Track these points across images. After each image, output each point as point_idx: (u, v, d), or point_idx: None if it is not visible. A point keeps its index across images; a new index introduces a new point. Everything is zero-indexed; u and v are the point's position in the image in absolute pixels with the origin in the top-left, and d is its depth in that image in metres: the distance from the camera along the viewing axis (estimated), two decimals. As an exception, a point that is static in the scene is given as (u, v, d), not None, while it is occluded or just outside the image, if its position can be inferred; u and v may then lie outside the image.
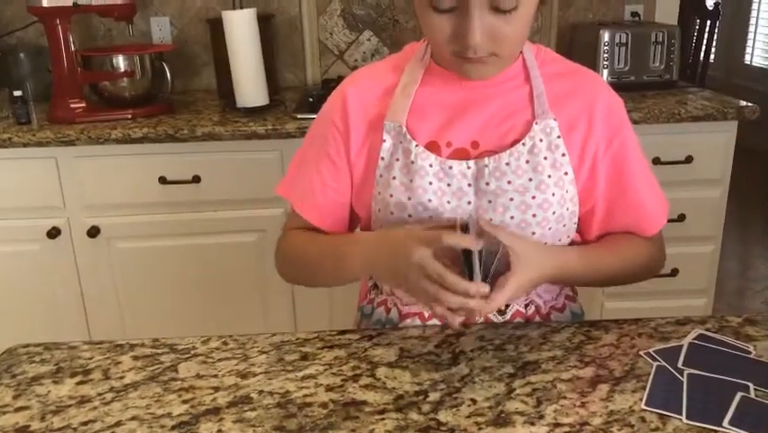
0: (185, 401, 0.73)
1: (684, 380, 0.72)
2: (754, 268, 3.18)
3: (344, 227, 0.99)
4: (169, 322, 1.96)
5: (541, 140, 0.87)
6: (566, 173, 0.88)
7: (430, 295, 0.78)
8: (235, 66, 1.91)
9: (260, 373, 0.78)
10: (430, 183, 0.87)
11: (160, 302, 1.94)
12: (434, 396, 0.72)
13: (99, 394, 0.75)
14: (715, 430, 0.65)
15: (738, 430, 0.65)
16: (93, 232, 1.86)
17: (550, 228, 0.88)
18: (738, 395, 0.69)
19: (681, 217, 1.97)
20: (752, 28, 4.65)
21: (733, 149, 1.95)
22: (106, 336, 0.86)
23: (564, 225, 0.90)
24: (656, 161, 1.93)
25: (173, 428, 0.68)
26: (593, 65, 2.18)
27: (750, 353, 0.77)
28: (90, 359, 0.82)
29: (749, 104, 1.93)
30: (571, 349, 0.80)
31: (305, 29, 2.30)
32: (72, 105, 1.90)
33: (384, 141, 0.90)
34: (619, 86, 2.16)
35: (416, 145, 0.88)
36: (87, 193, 1.84)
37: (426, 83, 0.91)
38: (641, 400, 0.70)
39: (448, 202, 0.88)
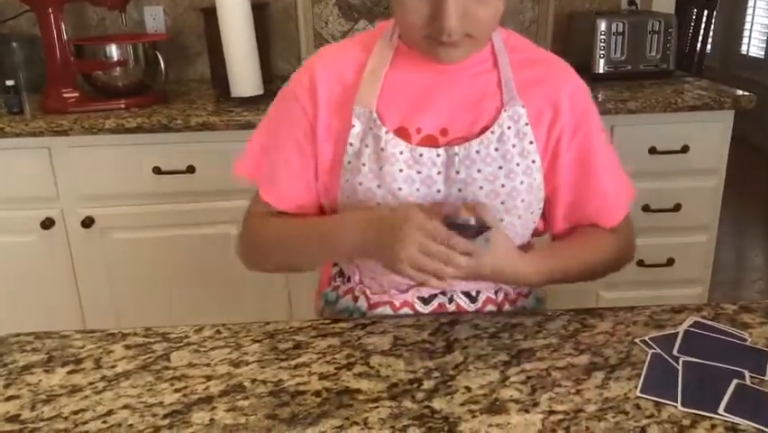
0: (177, 390, 0.72)
1: (679, 367, 0.72)
2: (748, 258, 3.19)
3: (311, 213, 0.96)
4: (164, 312, 1.95)
5: (509, 127, 0.87)
6: (533, 161, 0.88)
7: (433, 257, 0.77)
8: (229, 55, 1.89)
9: (253, 362, 0.77)
10: (400, 171, 0.86)
11: (155, 293, 1.93)
12: (428, 384, 0.72)
13: (91, 383, 0.74)
14: (710, 417, 0.65)
15: (734, 417, 0.64)
16: (87, 222, 1.85)
17: (519, 216, 0.89)
18: (734, 382, 0.69)
19: (677, 207, 1.97)
20: (748, 18, 4.65)
21: (729, 138, 1.94)
22: (101, 327, 0.85)
23: (532, 213, 0.90)
24: (652, 151, 1.92)
25: (165, 416, 0.68)
26: (589, 54, 2.17)
27: (746, 340, 0.77)
28: (82, 348, 0.81)
29: (746, 93, 1.93)
30: (566, 337, 0.80)
31: (299, 18, 2.29)
32: (65, 95, 1.89)
33: (353, 126, 0.88)
34: (616, 75, 2.16)
35: (387, 132, 0.86)
36: (81, 183, 1.83)
37: (395, 66, 0.89)
38: (636, 387, 0.70)
39: (417, 190, 0.87)
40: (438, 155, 0.86)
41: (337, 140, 0.90)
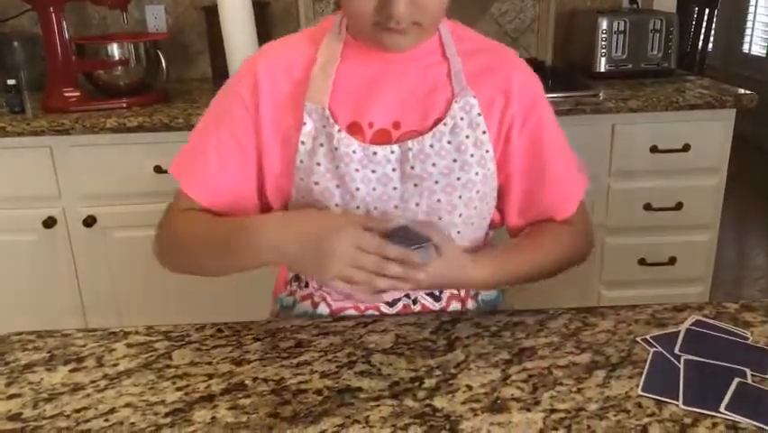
0: (179, 388, 0.72)
1: (681, 366, 0.72)
2: (750, 257, 3.19)
3: (246, 213, 0.91)
4: (165, 311, 1.95)
5: (462, 118, 0.86)
6: (487, 151, 0.88)
7: (367, 269, 0.76)
8: (231, 54, 1.90)
9: (255, 360, 0.77)
10: (356, 170, 0.85)
11: (156, 291, 1.93)
12: (429, 382, 0.72)
13: (92, 382, 0.74)
14: (712, 416, 0.65)
15: (735, 416, 0.64)
16: (89, 221, 1.85)
17: (475, 207, 0.89)
18: (735, 381, 0.69)
19: (679, 206, 1.97)
20: (750, 16, 4.63)
21: (731, 137, 1.94)
22: (102, 326, 0.85)
23: (487, 203, 0.91)
24: (654, 150, 1.92)
25: (167, 415, 0.68)
26: (591, 53, 2.17)
27: (747, 339, 0.77)
28: (83, 346, 0.81)
29: (747, 92, 1.92)
30: (568, 335, 0.80)
31: (300, 16, 2.28)
32: (66, 94, 1.89)
33: (305, 123, 0.85)
34: (617, 74, 2.16)
35: (339, 130, 0.85)
36: (83, 182, 1.83)
37: (345, 59, 0.88)
38: (637, 385, 0.70)
39: (374, 189, 0.86)
40: (392, 152, 0.86)
41: (286, 138, 0.87)
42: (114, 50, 1.94)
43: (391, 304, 0.91)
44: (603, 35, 2.14)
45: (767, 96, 1.90)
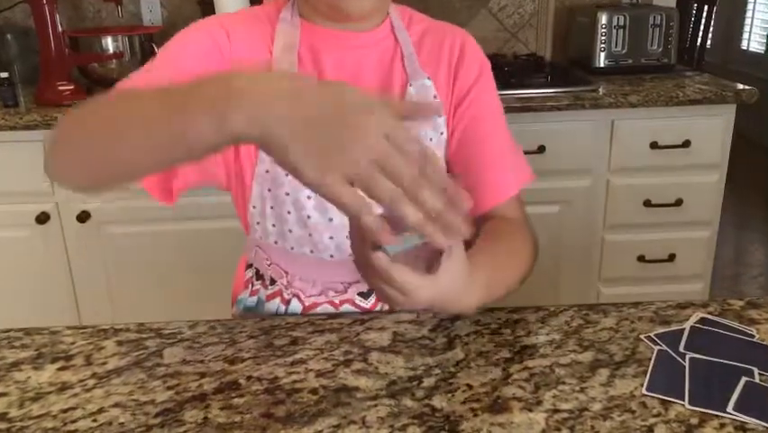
0: (170, 388, 0.70)
1: (686, 364, 0.70)
2: (748, 254, 3.18)
3: None
4: (160, 307, 1.93)
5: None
6: (442, 133, 0.87)
7: (399, 179, 0.49)
8: (226, 47, 1.87)
9: (249, 359, 0.75)
10: None
11: (151, 287, 1.91)
12: (428, 381, 0.70)
13: (81, 381, 0.72)
14: (719, 416, 0.63)
15: (743, 416, 0.62)
16: (83, 217, 1.82)
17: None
18: (743, 380, 0.67)
19: (679, 202, 1.95)
20: (749, 13, 4.62)
21: (731, 133, 1.92)
22: (97, 322, 0.83)
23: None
24: (654, 146, 1.90)
25: (157, 415, 0.66)
26: (590, 48, 2.15)
27: (753, 336, 0.75)
28: (72, 344, 0.79)
29: (747, 87, 1.91)
30: (570, 333, 0.78)
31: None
32: (60, 88, 1.87)
33: None
34: (617, 69, 2.14)
35: None
36: (76, 177, 1.80)
37: (301, 45, 0.84)
38: (642, 385, 0.68)
39: None
40: None
41: None
42: (109, 43, 1.92)
43: (366, 295, 0.89)
44: (603, 30, 2.12)
45: (766, 92, 1.89)
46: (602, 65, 2.15)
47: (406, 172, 0.49)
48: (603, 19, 2.11)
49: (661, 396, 0.66)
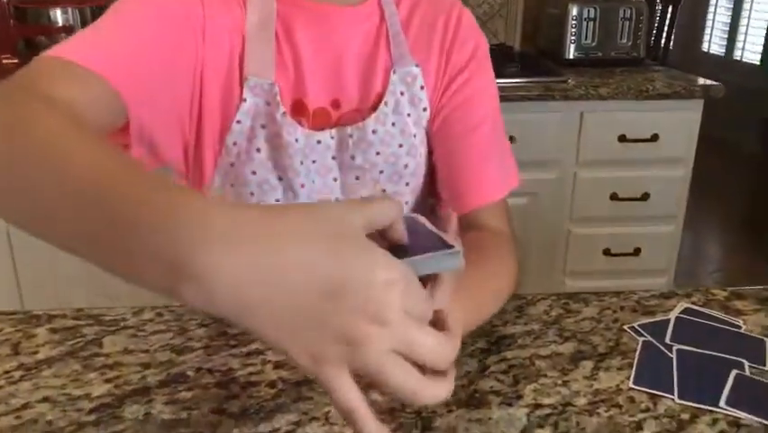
0: (108, 380, 0.62)
1: (674, 356, 0.66)
2: (705, 250, 3.22)
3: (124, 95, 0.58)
4: (111, 291, 1.83)
5: (402, 93, 0.76)
6: (425, 109, 0.78)
7: (419, 357, 0.37)
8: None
9: (199, 349, 0.68)
10: (301, 162, 0.73)
11: (99, 271, 1.80)
12: (398, 374, 0.64)
13: (6, 372, 0.63)
14: (710, 411, 0.58)
15: (736, 411, 0.58)
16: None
17: (421, 192, 0.80)
18: (733, 373, 0.63)
19: (645, 196, 1.94)
20: (710, 15, 4.70)
21: (698, 128, 1.92)
22: (40, 306, 0.74)
23: (426, 185, 0.81)
24: (622, 139, 1.88)
25: (91, 411, 0.58)
26: (560, 40, 2.12)
27: (740, 327, 0.71)
28: (-2, 331, 0.70)
29: (715, 83, 1.91)
30: (549, 323, 0.73)
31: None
32: (4, 61, 1.75)
33: (244, 100, 0.70)
34: (586, 61, 2.12)
35: (284, 113, 0.71)
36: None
37: (278, 17, 0.73)
38: (628, 378, 0.63)
39: (313, 182, 0.75)
40: (332, 137, 0.74)
41: (223, 98, 0.71)
42: (58, 15, 1.81)
43: None
44: (573, 22, 2.09)
45: (726, 93, 1.90)
46: (572, 57, 2.12)
47: (428, 352, 0.37)
48: (574, 11, 2.08)
49: (649, 390, 0.61)
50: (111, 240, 0.36)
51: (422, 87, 0.77)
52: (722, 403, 0.59)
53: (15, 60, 1.76)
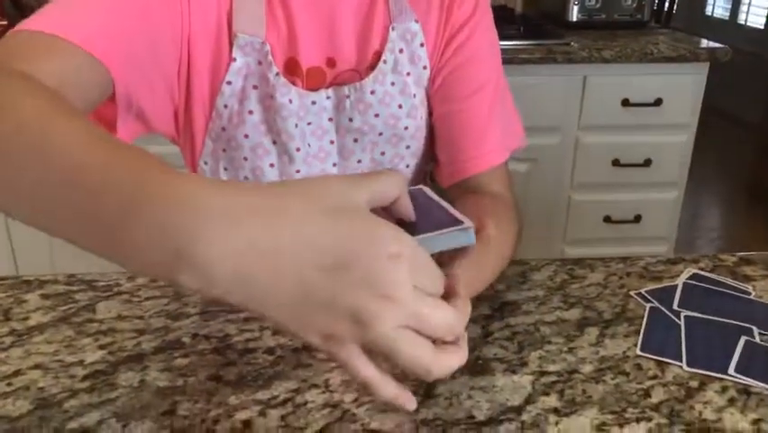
0: (101, 347, 0.61)
1: (681, 323, 0.64)
2: (706, 217, 3.21)
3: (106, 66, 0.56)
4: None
5: (401, 50, 0.72)
6: (425, 67, 0.75)
7: (433, 332, 0.36)
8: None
9: (195, 315, 0.66)
10: (295, 125, 0.70)
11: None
12: (399, 340, 0.62)
13: (-4, 338, 0.62)
14: (719, 378, 0.57)
15: (746, 378, 0.57)
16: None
17: (423, 154, 0.78)
18: (742, 339, 0.62)
19: (647, 162, 1.91)
20: (714, -21, 4.61)
21: (702, 92, 1.88)
22: (36, 272, 0.72)
23: (426, 147, 0.79)
24: (625, 103, 1.85)
25: (85, 378, 0.56)
26: (563, 2, 2.07)
27: (749, 293, 0.70)
28: (-12, 297, 0.68)
29: (721, 45, 1.86)
30: (554, 289, 0.71)
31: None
32: (-10, 22, 1.70)
33: (234, 60, 0.67)
34: (590, 24, 2.07)
35: (277, 74, 0.68)
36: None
37: None
38: (635, 345, 0.61)
39: (309, 145, 0.72)
40: (327, 97, 0.71)
41: (213, 63, 0.68)
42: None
43: None
44: (576, -18, 2.04)
45: (731, 58, 1.86)
46: (575, 19, 2.07)
47: (439, 326, 0.36)
48: (577, -30, 2.03)
49: (656, 357, 0.60)
50: (102, 230, 0.35)
51: (422, 45, 0.74)
52: (731, 370, 0.58)
53: (4, 22, 1.71)
